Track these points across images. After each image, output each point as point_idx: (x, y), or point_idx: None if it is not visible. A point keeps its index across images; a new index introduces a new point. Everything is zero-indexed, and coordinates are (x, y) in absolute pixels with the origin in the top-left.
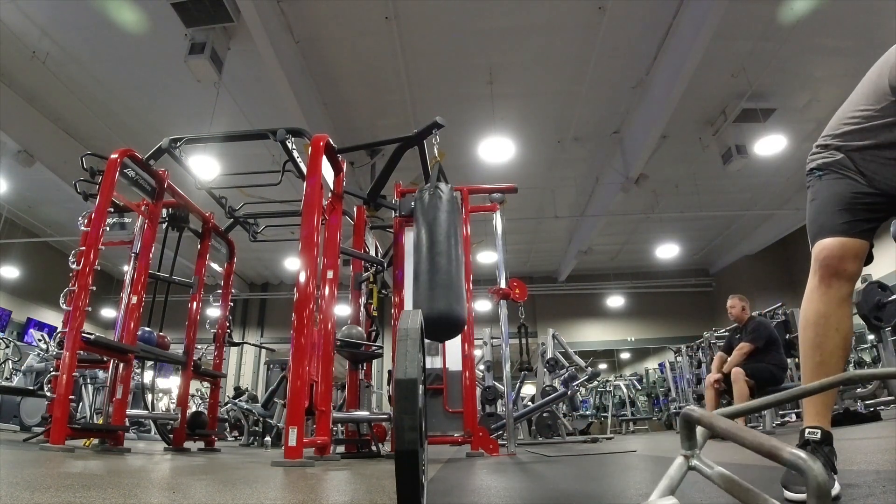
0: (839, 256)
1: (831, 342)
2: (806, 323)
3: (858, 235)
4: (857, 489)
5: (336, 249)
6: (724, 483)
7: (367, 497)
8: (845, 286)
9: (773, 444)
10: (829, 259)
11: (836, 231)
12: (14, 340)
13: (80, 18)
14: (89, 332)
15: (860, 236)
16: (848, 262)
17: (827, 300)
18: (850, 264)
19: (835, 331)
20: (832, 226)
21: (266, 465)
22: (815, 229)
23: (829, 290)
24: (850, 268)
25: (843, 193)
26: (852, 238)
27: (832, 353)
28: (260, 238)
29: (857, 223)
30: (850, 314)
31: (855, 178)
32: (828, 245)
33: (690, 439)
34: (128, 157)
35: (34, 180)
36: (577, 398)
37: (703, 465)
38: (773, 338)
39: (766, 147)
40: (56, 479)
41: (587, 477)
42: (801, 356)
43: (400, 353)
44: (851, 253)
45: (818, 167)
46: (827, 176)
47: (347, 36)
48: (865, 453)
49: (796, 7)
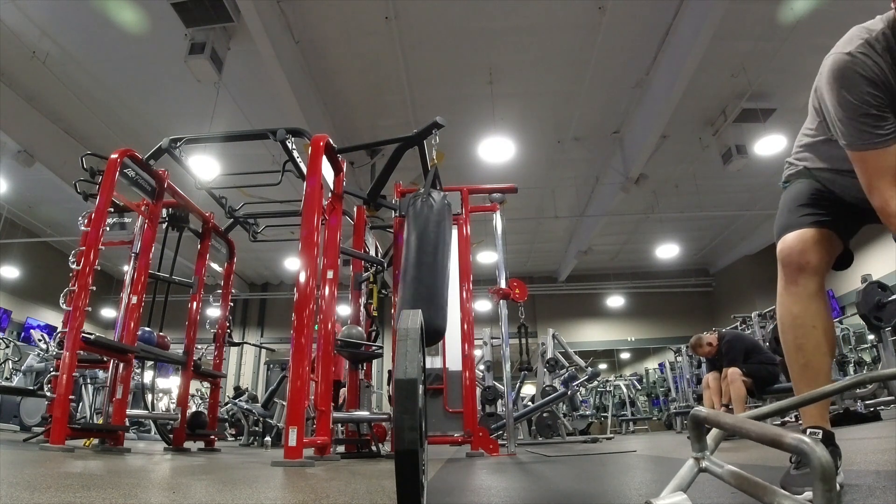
0: (799, 250)
1: (811, 341)
2: (783, 327)
3: (816, 225)
4: (857, 489)
5: (336, 249)
6: (735, 480)
7: (367, 497)
8: (812, 280)
9: (777, 433)
10: (789, 255)
11: (793, 226)
12: (14, 340)
13: (80, 18)
14: (89, 332)
15: (819, 226)
16: (809, 254)
17: (796, 299)
18: (812, 255)
19: (812, 328)
20: (789, 223)
21: (266, 465)
22: (777, 232)
23: (796, 289)
24: (813, 259)
25: (802, 192)
26: (810, 228)
27: (814, 352)
28: (260, 238)
29: (815, 214)
30: (826, 308)
31: (814, 181)
32: (786, 241)
33: (700, 440)
34: (128, 157)
35: (34, 180)
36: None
37: (713, 465)
38: (748, 346)
39: (766, 147)
40: (56, 479)
41: (587, 477)
42: (787, 361)
43: (400, 353)
44: (811, 243)
45: (784, 180)
46: (790, 185)
47: (347, 36)
48: (865, 453)
49: (796, 7)
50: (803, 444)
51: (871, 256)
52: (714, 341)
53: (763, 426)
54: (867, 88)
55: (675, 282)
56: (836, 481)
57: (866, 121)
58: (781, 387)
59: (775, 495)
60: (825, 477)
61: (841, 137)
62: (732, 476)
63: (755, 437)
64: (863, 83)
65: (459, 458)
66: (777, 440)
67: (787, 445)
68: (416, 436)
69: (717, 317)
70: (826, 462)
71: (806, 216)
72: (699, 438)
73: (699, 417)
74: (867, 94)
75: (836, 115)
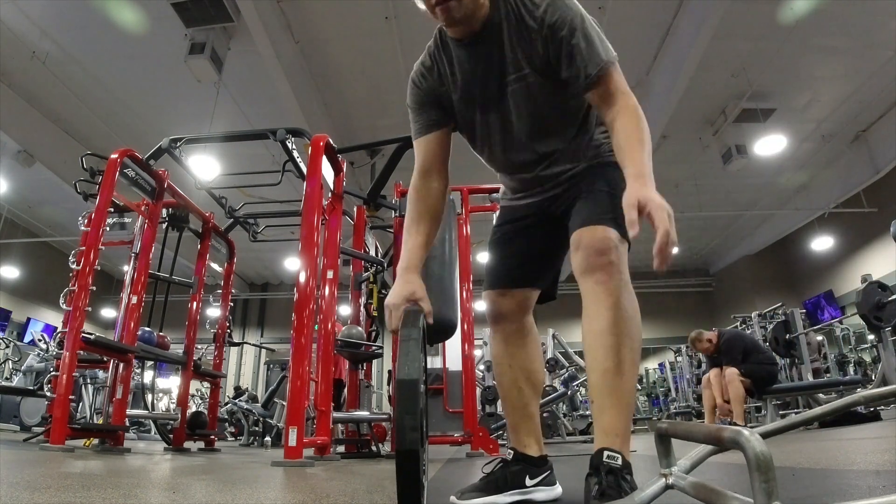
0: (492, 305)
1: (506, 378)
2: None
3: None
4: (857, 489)
5: (336, 249)
6: (694, 490)
7: (367, 497)
8: (506, 325)
9: (714, 430)
10: (488, 308)
11: (486, 285)
12: (14, 340)
13: (80, 18)
14: (89, 332)
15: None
16: (500, 306)
17: (493, 342)
18: (503, 307)
19: (507, 367)
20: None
21: (266, 465)
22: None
23: (495, 333)
24: (504, 309)
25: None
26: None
27: (509, 388)
28: (260, 238)
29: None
30: (523, 348)
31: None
32: (484, 295)
33: (668, 456)
34: (128, 157)
35: (34, 180)
36: (577, 398)
37: (679, 479)
38: (747, 345)
39: (766, 147)
40: (56, 479)
41: None
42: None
43: (401, 352)
44: (498, 298)
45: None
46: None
47: (347, 36)
48: (865, 453)
49: (796, 7)
50: (738, 436)
51: (871, 256)
52: (714, 338)
53: (703, 426)
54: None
55: (674, 282)
56: (774, 473)
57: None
58: (781, 387)
59: (727, 498)
60: (760, 465)
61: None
62: (693, 486)
63: (701, 438)
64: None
65: (459, 458)
66: (717, 437)
67: (726, 440)
68: (417, 436)
69: (717, 317)
70: (760, 451)
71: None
72: (666, 453)
73: (662, 430)
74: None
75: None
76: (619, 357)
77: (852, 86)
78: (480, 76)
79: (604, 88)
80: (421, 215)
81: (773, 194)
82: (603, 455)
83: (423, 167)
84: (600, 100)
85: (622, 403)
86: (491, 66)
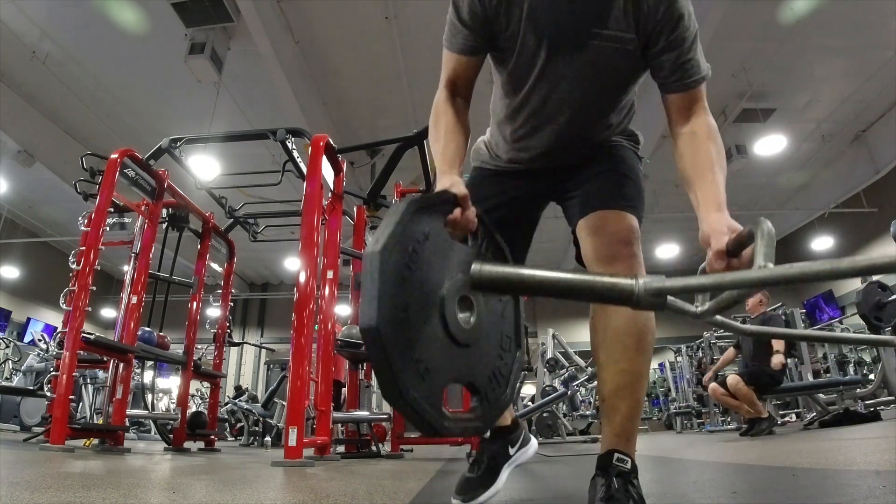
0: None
1: None
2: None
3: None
4: (857, 489)
5: (336, 249)
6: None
7: (367, 497)
8: None
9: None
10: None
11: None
12: (14, 340)
13: (80, 18)
14: (89, 332)
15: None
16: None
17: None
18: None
19: None
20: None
21: (266, 465)
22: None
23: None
24: None
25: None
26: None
27: None
28: (260, 238)
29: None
30: None
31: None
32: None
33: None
34: (128, 157)
35: (34, 180)
36: (577, 398)
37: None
38: (751, 346)
39: (766, 147)
40: (56, 479)
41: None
42: None
43: (381, 225)
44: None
45: None
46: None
47: (347, 36)
48: (865, 453)
49: (796, 7)
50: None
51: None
52: (765, 305)
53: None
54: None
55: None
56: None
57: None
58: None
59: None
60: (763, 235)
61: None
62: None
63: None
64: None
65: (459, 458)
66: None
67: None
68: (374, 308)
69: None
70: (766, 226)
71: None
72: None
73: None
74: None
75: None
76: (637, 358)
77: (852, 86)
78: (569, 10)
79: (692, 98)
80: (455, 124)
81: (772, 194)
82: (613, 457)
83: (452, 81)
84: (683, 107)
85: (635, 406)
86: (589, 6)
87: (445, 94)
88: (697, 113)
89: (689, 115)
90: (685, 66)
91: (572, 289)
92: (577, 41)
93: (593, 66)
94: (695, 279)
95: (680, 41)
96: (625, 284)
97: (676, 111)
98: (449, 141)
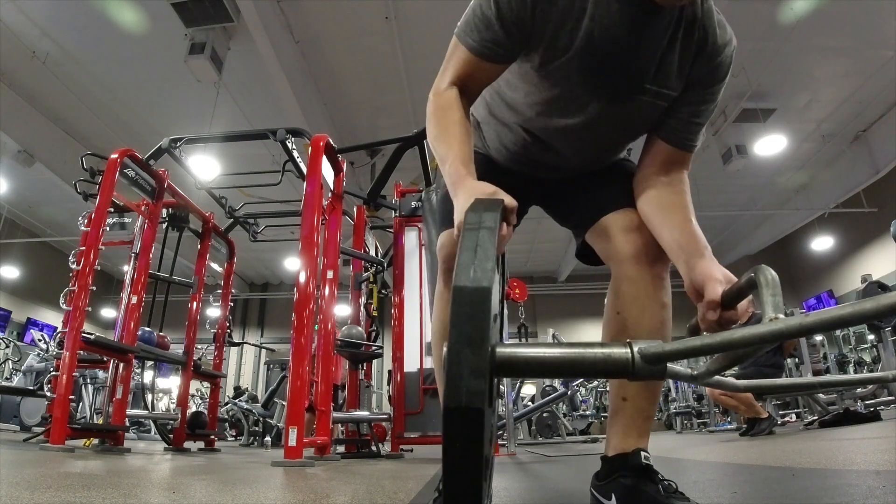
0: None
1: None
2: (434, 334)
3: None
4: (856, 489)
5: (336, 249)
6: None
7: (367, 497)
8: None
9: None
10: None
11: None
12: (14, 340)
13: (80, 18)
14: (89, 332)
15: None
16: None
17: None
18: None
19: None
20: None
21: (266, 465)
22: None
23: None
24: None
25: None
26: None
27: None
28: (260, 238)
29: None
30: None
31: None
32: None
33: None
34: (128, 157)
35: (34, 180)
36: (577, 398)
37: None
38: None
39: (766, 147)
40: (56, 479)
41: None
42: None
43: (464, 247)
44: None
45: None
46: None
47: (347, 36)
48: (865, 453)
49: (796, 7)
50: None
51: (871, 256)
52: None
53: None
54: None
55: (675, 282)
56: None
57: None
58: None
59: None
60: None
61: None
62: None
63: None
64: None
65: None
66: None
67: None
68: (483, 385)
69: None
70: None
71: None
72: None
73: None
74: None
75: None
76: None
77: (852, 86)
78: (628, 61)
79: (683, 158)
80: (466, 123)
81: (772, 194)
82: (640, 456)
83: (462, 82)
84: (670, 160)
85: (654, 407)
86: (650, 63)
87: (455, 93)
88: (680, 171)
89: (671, 170)
90: (695, 127)
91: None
92: (626, 95)
93: (629, 117)
94: (699, 340)
95: (709, 99)
96: (619, 354)
97: (662, 160)
98: (463, 143)
